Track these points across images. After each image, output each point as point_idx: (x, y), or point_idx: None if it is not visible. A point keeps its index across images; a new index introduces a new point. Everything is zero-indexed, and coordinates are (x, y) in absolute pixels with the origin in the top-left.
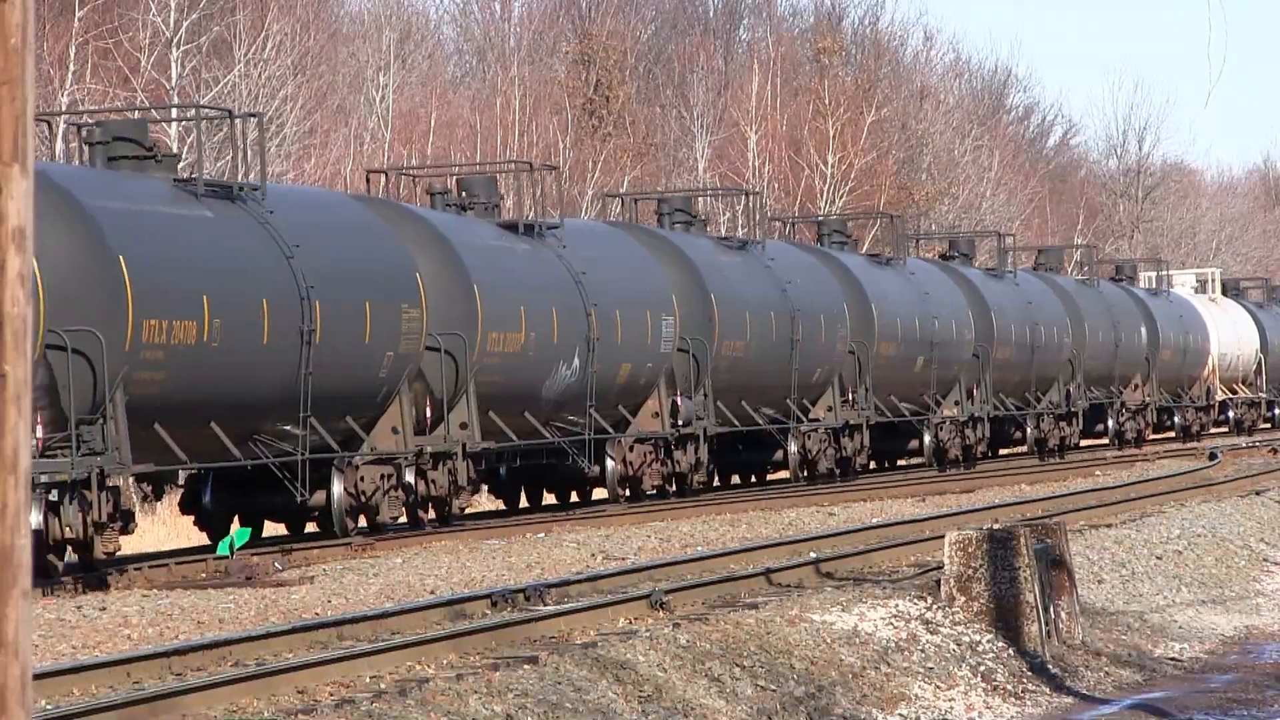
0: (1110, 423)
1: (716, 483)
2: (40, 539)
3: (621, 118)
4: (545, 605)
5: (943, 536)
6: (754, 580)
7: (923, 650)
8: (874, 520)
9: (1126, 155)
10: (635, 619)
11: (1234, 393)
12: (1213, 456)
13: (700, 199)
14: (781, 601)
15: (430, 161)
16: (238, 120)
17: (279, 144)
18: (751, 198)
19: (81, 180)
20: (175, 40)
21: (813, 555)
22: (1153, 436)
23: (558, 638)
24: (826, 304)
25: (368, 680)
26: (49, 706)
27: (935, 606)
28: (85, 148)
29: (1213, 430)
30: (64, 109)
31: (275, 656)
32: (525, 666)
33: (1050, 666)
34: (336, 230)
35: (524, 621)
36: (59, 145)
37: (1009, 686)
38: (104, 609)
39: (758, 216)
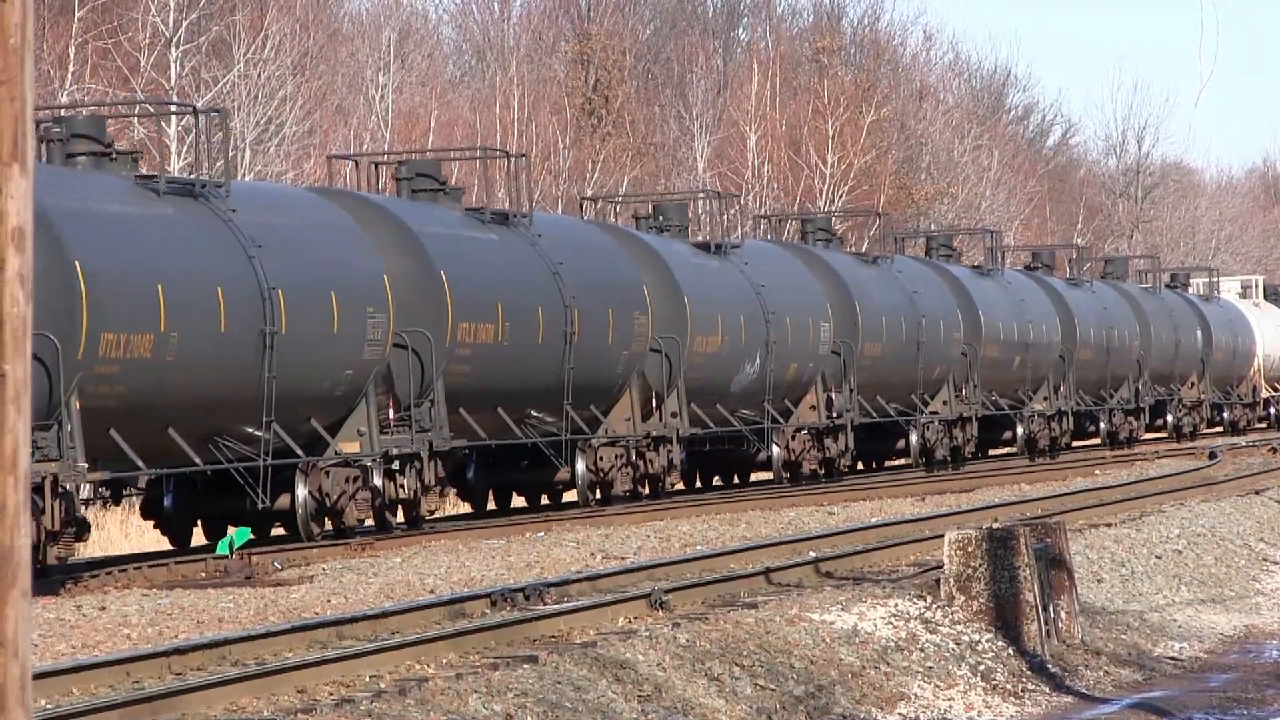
0: (1169, 417)
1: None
2: (381, 498)
3: (621, 117)
4: (545, 604)
5: (942, 536)
6: (754, 579)
7: (922, 650)
8: (873, 519)
9: (1126, 155)
10: (635, 618)
11: (1276, 390)
12: (1212, 455)
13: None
14: (781, 601)
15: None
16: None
17: (278, 144)
18: (881, 218)
19: (408, 210)
20: (175, 40)
21: (812, 554)
22: (1205, 430)
23: (557, 637)
24: (944, 310)
25: (367, 680)
26: (49, 706)
27: (935, 606)
28: (393, 182)
29: (1257, 425)
30: (364, 151)
31: (275, 656)
32: (525, 666)
33: (1050, 666)
34: (586, 251)
35: (523, 621)
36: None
37: (1008, 686)
38: (103, 608)
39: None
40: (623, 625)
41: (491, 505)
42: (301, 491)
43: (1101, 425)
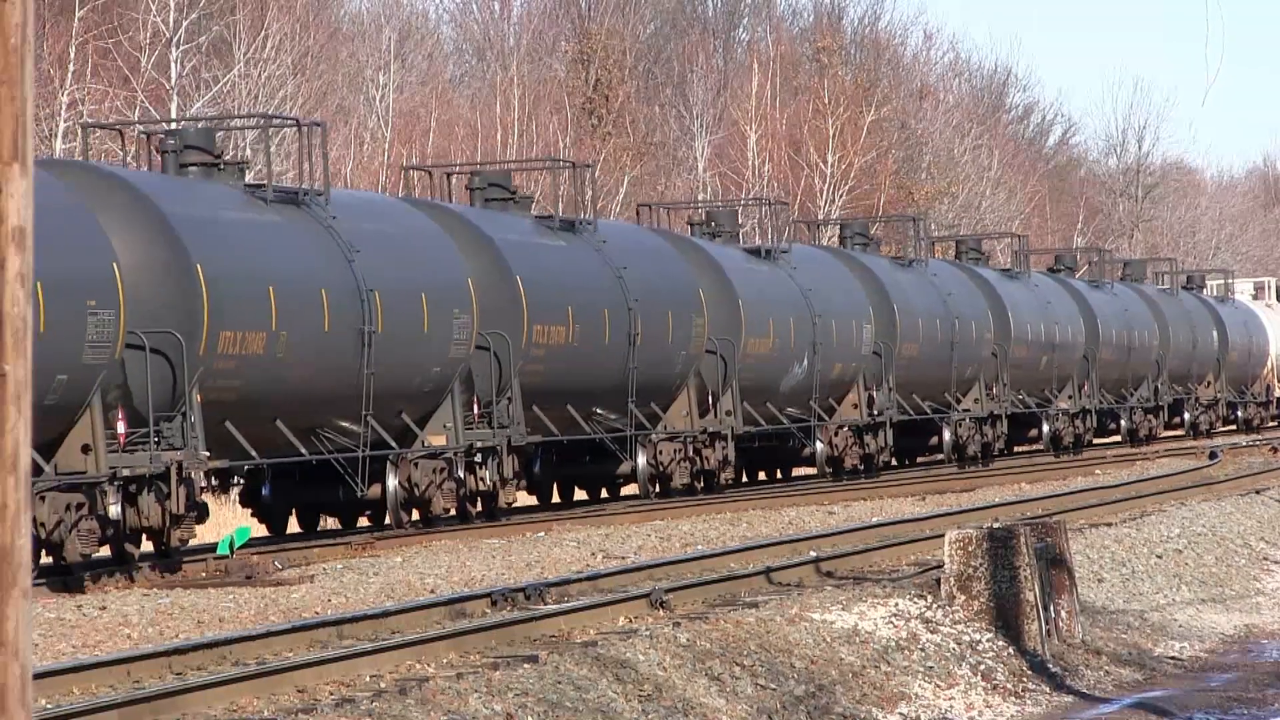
0: (1186, 415)
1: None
2: (459, 489)
3: (621, 117)
4: (545, 604)
5: (943, 535)
6: (754, 579)
7: (923, 649)
8: (874, 519)
9: (1126, 154)
10: (635, 618)
11: None
12: (1213, 455)
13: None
14: (781, 600)
15: (430, 161)
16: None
17: (278, 143)
18: (917, 223)
19: (483, 218)
20: (175, 40)
21: (813, 554)
22: (1220, 428)
23: (558, 637)
24: (975, 311)
25: (368, 679)
26: (49, 706)
27: (935, 605)
28: (469, 191)
29: (1270, 423)
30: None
31: (275, 656)
32: (525, 665)
33: (1050, 665)
34: (647, 256)
35: (524, 620)
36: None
37: (1009, 685)
38: (104, 608)
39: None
40: (623, 625)
41: (556, 498)
42: (392, 482)
43: (1122, 423)
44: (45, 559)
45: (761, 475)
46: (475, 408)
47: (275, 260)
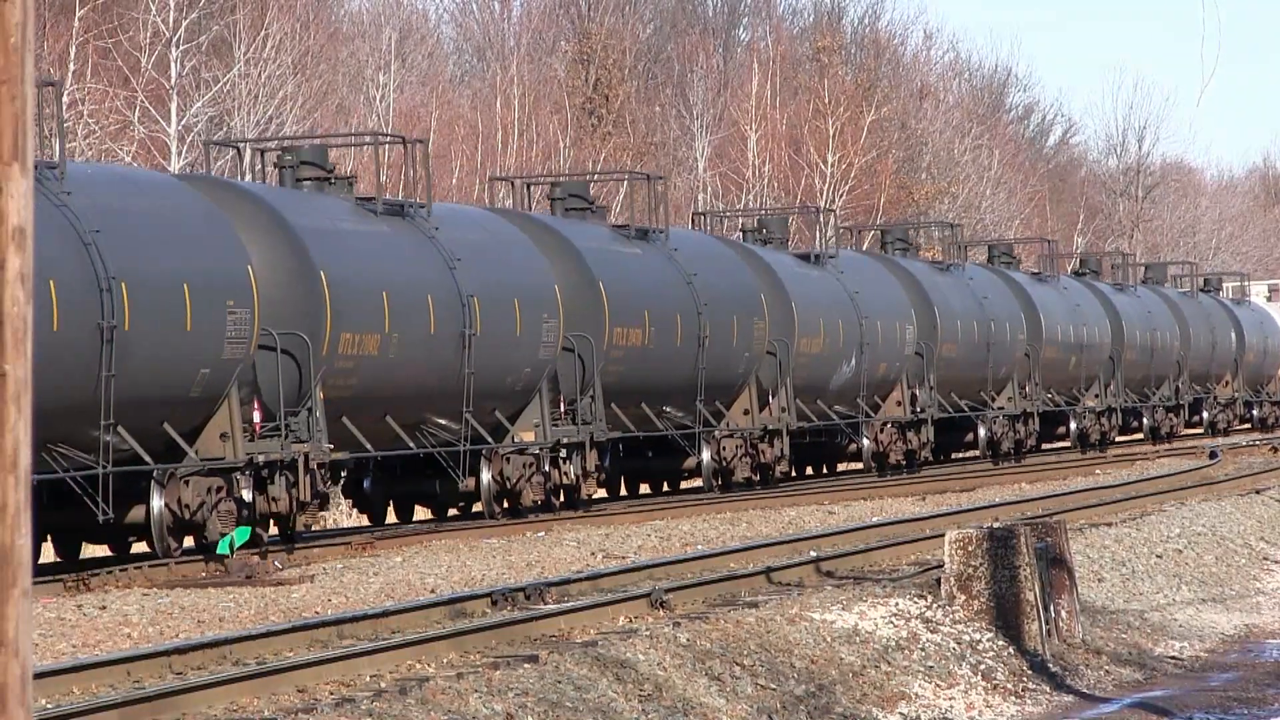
0: (1205, 414)
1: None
2: (545, 482)
3: (621, 116)
4: (545, 604)
5: (943, 535)
6: (754, 579)
7: (923, 649)
8: (874, 519)
9: (1126, 154)
10: (635, 618)
11: None
12: (1213, 455)
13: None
14: (782, 600)
15: (432, 160)
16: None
17: (277, 143)
18: (954, 229)
19: (566, 227)
20: (175, 40)
21: (813, 554)
22: (1238, 426)
23: (558, 636)
24: (1008, 313)
25: (368, 679)
26: (49, 705)
27: (935, 605)
28: (549, 201)
29: None
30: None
31: (275, 655)
32: (525, 665)
33: (1050, 665)
34: (713, 262)
35: (524, 620)
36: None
37: (1009, 685)
38: (104, 608)
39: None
40: (623, 625)
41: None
42: (486, 475)
43: (1145, 421)
44: (188, 539)
45: (809, 470)
46: (561, 405)
47: (387, 267)
